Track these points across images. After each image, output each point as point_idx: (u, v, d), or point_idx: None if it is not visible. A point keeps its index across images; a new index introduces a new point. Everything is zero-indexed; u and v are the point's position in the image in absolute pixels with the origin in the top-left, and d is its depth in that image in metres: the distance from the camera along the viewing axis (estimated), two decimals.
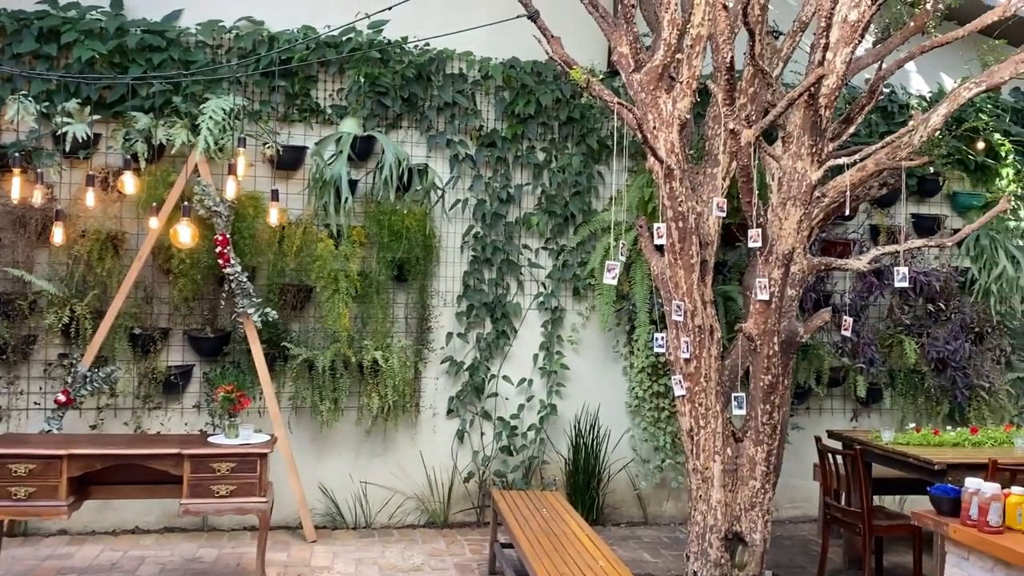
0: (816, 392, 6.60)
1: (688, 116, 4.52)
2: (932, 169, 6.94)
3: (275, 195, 5.05)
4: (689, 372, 4.66)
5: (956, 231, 7.20)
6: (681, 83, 4.48)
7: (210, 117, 5.26)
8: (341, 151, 5.69)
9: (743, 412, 4.55)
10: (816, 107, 4.20)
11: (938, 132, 4.91)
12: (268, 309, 5.43)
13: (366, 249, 5.86)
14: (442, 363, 6.11)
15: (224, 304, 5.55)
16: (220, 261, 5.33)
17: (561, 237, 6.35)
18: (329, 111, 5.95)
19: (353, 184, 5.84)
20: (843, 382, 6.71)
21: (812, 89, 4.08)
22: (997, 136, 6.85)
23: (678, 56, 4.50)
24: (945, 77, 7.14)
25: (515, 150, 6.22)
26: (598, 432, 6.25)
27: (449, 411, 6.13)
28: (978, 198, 7.05)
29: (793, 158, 4.38)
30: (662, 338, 4.85)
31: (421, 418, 6.11)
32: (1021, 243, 7.13)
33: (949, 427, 5.54)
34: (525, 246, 6.28)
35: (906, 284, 4.70)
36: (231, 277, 5.35)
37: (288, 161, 5.83)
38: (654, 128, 4.54)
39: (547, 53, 4.54)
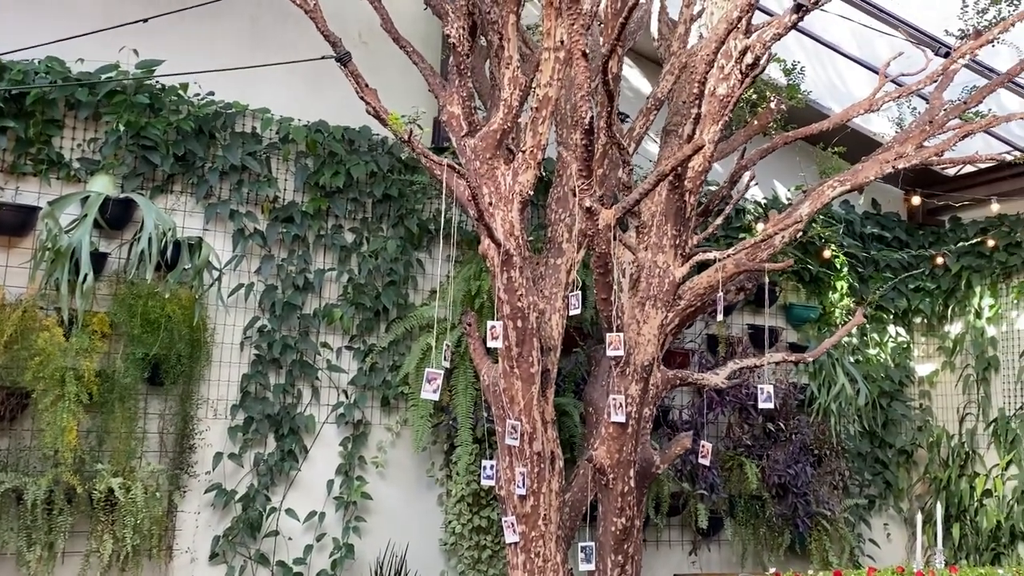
0: (655, 523, 5.80)
1: (531, 193, 3.69)
2: (768, 279, 6.57)
3: None
4: (524, 512, 3.68)
5: (792, 344, 6.87)
6: (524, 153, 3.67)
7: None
8: (86, 215, 4.40)
9: (591, 567, 3.60)
10: (682, 190, 3.50)
11: (801, 232, 4.39)
12: None
13: (110, 342, 4.51)
14: (207, 492, 4.76)
15: None
16: None
17: (370, 335, 5.29)
18: (76, 165, 4.66)
19: (100, 258, 4.53)
20: (683, 510, 5.97)
21: (680, 168, 3.38)
22: (833, 247, 6.60)
23: (520, 120, 3.70)
24: (779, 185, 6.89)
25: (318, 228, 5.16)
26: None
27: (213, 555, 4.75)
28: (813, 311, 6.73)
29: (653, 250, 3.63)
30: (491, 467, 3.87)
31: (175, 565, 4.68)
32: (851, 359, 6.85)
33: (810, 571, 4.84)
34: (324, 344, 5.15)
35: (771, 404, 4.05)
36: None
37: (12, 224, 4.46)
38: (490, 204, 3.66)
39: (357, 92, 3.56)
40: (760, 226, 5.33)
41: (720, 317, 3.62)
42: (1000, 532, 6.35)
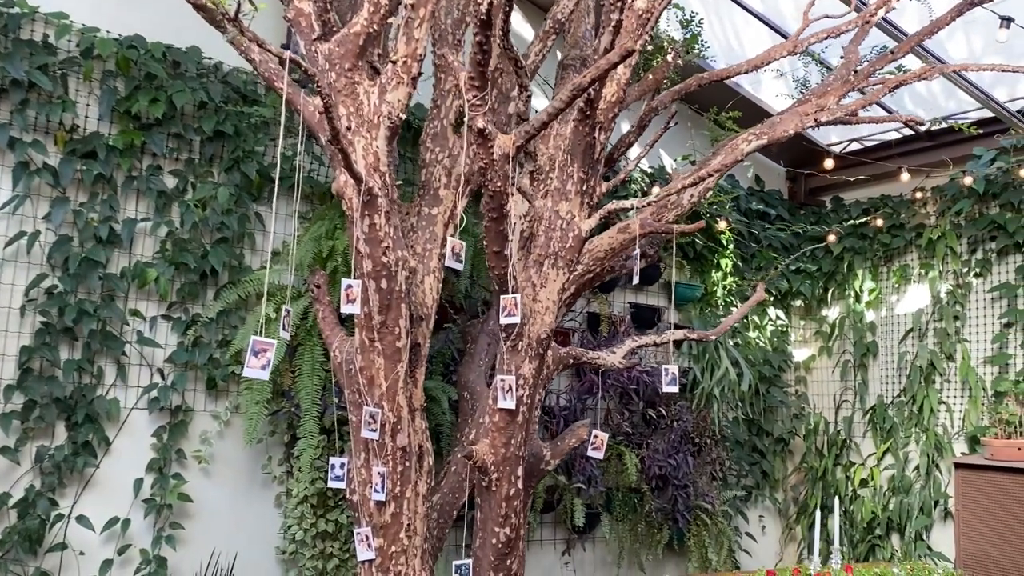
0: (528, 521, 5.15)
1: (402, 116, 2.91)
2: (653, 252, 6.07)
3: None
4: (383, 522, 2.92)
5: (674, 325, 6.42)
6: (394, 64, 2.87)
7: None
8: None
9: None
10: (593, 121, 2.82)
11: (711, 191, 3.83)
12: None
13: None
14: None
15: None
16: None
17: (194, 302, 4.33)
18: None
19: None
20: (557, 506, 5.36)
21: (592, 92, 2.69)
22: (727, 220, 6.16)
23: (390, 21, 2.91)
24: (665, 156, 6.39)
25: (129, 167, 4.15)
26: None
27: None
28: (696, 290, 6.28)
29: (554, 197, 2.93)
30: (342, 465, 3.07)
31: None
32: (730, 343, 6.47)
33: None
34: (135, 312, 4.16)
35: (675, 388, 3.46)
36: None
37: None
38: (348, 129, 2.85)
39: None
40: (656, 189, 4.77)
41: (636, 280, 2.97)
42: (876, 523, 6.13)
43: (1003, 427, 5.32)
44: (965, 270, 5.91)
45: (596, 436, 3.56)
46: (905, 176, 5.28)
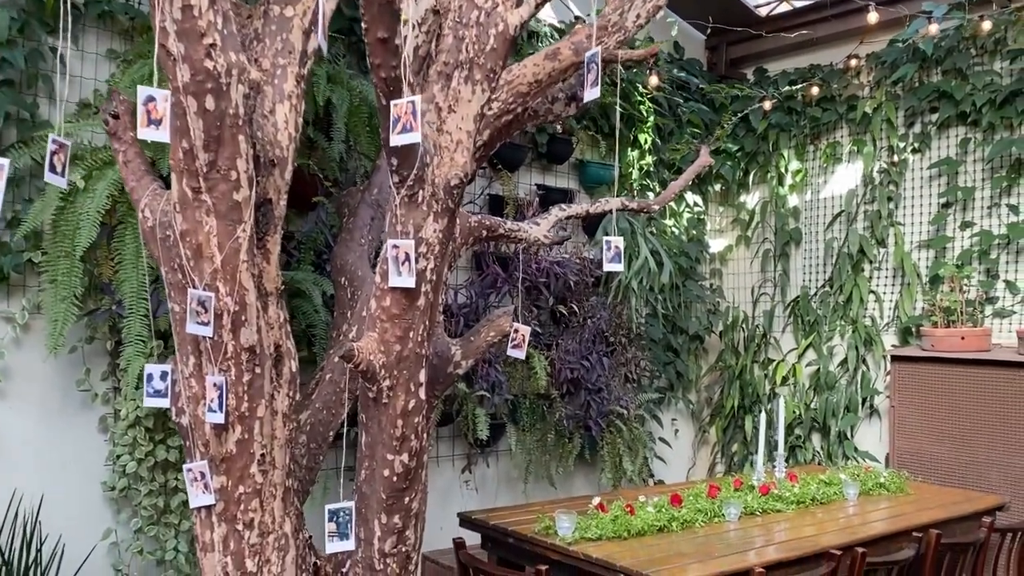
0: None
1: None
2: (560, 128, 5.24)
3: None
4: (225, 453, 2.03)
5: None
6: None
7: None
8: None
9: (348, 544, 2.05)
10: None
11: (661, 11, 2.98)
12: None
13: None
14: None
15: None
16: None
17: None
18: None
19: None
20: (456, 417, 4.60)
21: None
22: (654, 77, 5.36)
23: None
24: (575, 7, 5.48)
25: None
26: (40, 546, 3.24)
27: None
28: (610, 170, 5.51)
29: None
30: (164, 374, 2.15)
31: None
32: (648, 230, 5.76)
33: (644, 497, 3.62)
34: None
35: (619, 266, 2.72)
36: None
37: None
38: None
39: None
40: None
41: (597, 93, 2.11)
42: (797, 423, 5.70)
43: (943, 315, 4.87)
44: (902, 145, 5.36)
45: (517, 330, 2.76)
46: (873, 17, 4.55)
